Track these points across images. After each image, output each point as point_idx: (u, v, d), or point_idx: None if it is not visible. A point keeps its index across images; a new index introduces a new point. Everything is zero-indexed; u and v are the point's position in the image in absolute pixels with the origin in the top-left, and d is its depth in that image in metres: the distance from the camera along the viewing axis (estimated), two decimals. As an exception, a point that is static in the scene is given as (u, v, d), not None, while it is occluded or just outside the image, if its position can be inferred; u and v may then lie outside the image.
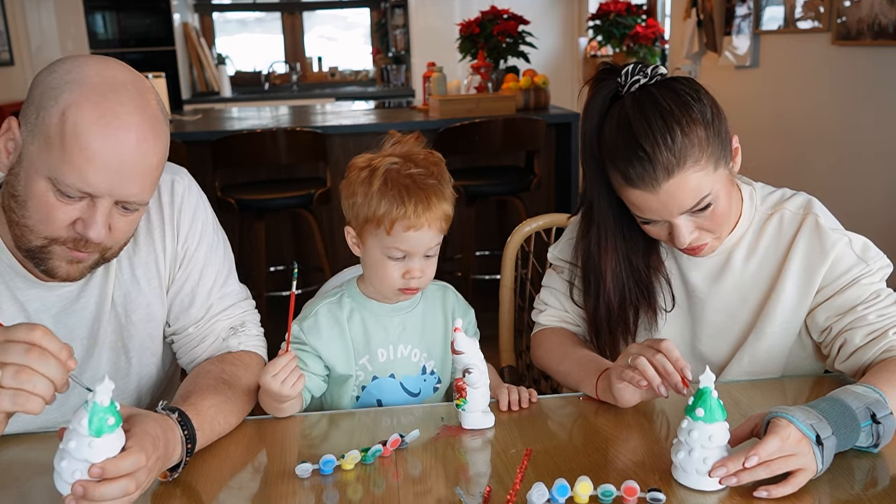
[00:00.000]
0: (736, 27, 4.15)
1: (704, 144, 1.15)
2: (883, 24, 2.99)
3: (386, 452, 1.08)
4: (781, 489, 0.94)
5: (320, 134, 3.44)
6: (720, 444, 0.97)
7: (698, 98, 1.17)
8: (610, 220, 1.29)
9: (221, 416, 1.13)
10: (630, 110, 1.16)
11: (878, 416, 1.02)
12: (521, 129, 3.60)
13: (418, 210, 1.21)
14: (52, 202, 1.03)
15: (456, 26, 4.47)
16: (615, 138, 1.18)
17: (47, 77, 1.03)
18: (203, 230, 1.28)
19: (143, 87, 1.07)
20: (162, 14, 6.21)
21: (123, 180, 1.03)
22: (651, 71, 1.19)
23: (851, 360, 1.22)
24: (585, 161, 1.27)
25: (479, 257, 4.06)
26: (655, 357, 1.11)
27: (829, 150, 3.47)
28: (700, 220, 1.20)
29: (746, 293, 1.30)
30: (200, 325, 1.28)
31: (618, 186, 1.21)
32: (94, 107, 1.00)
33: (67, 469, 0.86)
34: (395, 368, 1.32)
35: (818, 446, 0.96)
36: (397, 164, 1.24)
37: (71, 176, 1.00)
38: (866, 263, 1.22)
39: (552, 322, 1.45)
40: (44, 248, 1.07)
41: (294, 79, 7.20)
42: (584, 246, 1.34)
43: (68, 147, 0.99)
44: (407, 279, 1.26)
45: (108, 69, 1.05)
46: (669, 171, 1.13)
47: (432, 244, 1.26)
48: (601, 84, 1.23)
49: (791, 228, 1.28)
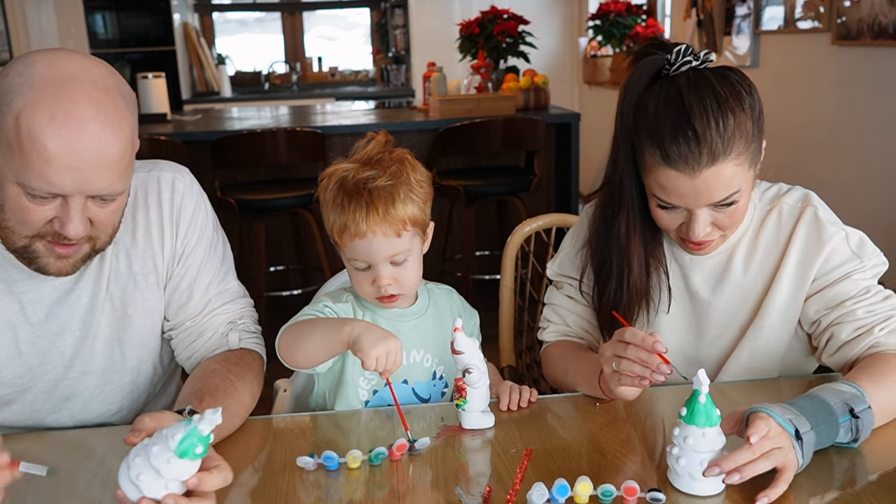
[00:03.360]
0: (736, 27, 4.15)
1: (749, 139, 1.14)
2: (883, 24, 2.99)
3: (393, 456, 1.07)
4: (775, 490, 0.94)
5: (320, 134, 3.44)
6: (712, 449, 0.96)
7: (750, 92, 1.16)
8: (637, 202, 1.25)
9: (228, 420, 1.13)
10: (683, 88, 1.13)
11: (855, 410, 1.03)
12: (521, 129, 3.60)
13: (358, 217, 1.17)
14: (25, 205, 1.03)
15: (456, 26, 4.47)
16: (662, 114, 1.14)
17: (1, 81, 1.02)
18: (203, 228, 1.29)
19: (99, 74, 1.05)
20: (162, 14, 6.20)
21: (88, 177, 1.02)
22: (703, 56, 1.17)
23: (838, 355, 1.22)
24: (620, 137, 1.23)
25: (479, 257, 4.06)
26: (628, 352, 1.09)
27: (829, 149, 3.47)
28: (718, 216, 1.18)
29: (748, 291, 1.30)
30: (198, 319, 1.28)
31: (651, 165, 1.16)
32: (45, 108, 0.99)
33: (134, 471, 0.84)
34: (409, 374, 1.31)
35: (797, 441, 0.97)
36: (349, 170, 1.21)
37: (35, 180, 1.00)
38: (860, 259, 1.22)
39: (555, 337, 1.43)
40: (28, 248, 1.08)
41: (294, 79, 7.20)
42: (609, 230, 1.29)
43: (26, 152, 0.99)
44: (377, 288, 1.23)
45: (58, 63, 1.02)
46: (714, 157, 1.11)
47: (391, 250, 1.21)
48: (647, 59, 1.19)
49: (790, 222, 1.27)
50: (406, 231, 1.21)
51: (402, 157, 1.24)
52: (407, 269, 1.24)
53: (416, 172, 1.24)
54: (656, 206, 1.21)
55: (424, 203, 1.24)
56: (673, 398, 1.24)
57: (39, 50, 1.06)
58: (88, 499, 1.00)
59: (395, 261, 1.22)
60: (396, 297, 1.26)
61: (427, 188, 1.25)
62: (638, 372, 1.09)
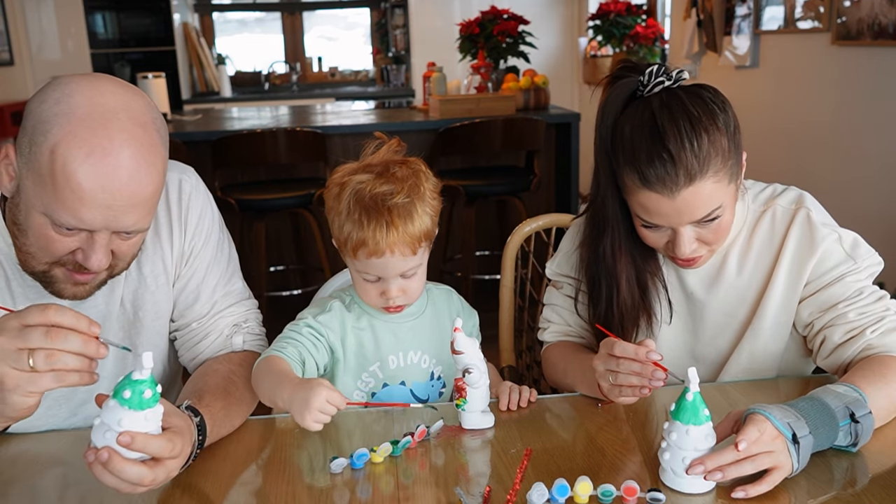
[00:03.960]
0: (736, 27, 4.15)
1: (726, 156, 1.14)
2: (883, 24, 2.99)
3: (414, 444, 1.10)
4: (757, 488, 0.95)
5: (320, 134, 3.44)
6: (696, 447, 0.96)
7: (724, 109, 1.16)
8: (621, 222, 1.26)
9: (228, 419, 1.14)
10: (656, 111, 1.14)
11: (857, 415, 1.02)
12: (521, 129, 3.60)
13: (378, 236, 1.15)
14: (50, 235, 1.03)
15: (456, 26, 4.47)
16: (637, 137, 1.15)
17: (38, 107, 1.00)
18: (210, 228, 1.29)
19: (137, 109, 1.03)
20: (162, 14, 6.21)
21: (118, 214, 1.02)
22: (675, 74, 1.18)
23: (831, 358, 1.22)
24: (599, 159, 1.24)
25: (479, 257, 4.06)
26: (621, 367, 1.10)
27: (829, 150, 3.47)
28: (703, 232, 1.19)
29: (744, 292, 1.30)
30: (204, 321, 1.28)
31: (630, 187, 1.18)
32: (83, 143, 0.97)
33: (99, 429, 0.87)
34: (406, 375, 1.31)
35: (794, 445, 0.97)
36: (364, 183, 1.18)
37: (64, 215, 1.00)
38: (854, 261, 1.22)
39: (555, 338, 1.44)
40: (46, 273, 1.09)
41: (294, 79, 7.20)
42: (596, 251, 1.29)
43: (59, 187, 0.98)
44: (385, 300, 1.23)
45: (98, 96, 1.00)
46: (691, 177, 1.12)
47: (405, 267, 1.20)
48: (620, 81, 1.20)
49: (783, 223, 1.27)
50: (420, 247, 1.20)
51: (417, 169, 1.23)
52: (415, 280, 1.24)
53: (429, 183, 1.23)
54: (641, 226, 1.22)
55: (436, 214, 1.24)
56: (673, 398, 1.24)
57: (78, 75, 1.04)
58: (90, 498, 1.00)
59: (406, 275, 1.22)
60: (403, 308, 1.26)
61: (438, 199, 1.24)
62: (636, 382, 1.10)
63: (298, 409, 1.04)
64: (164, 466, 0.91)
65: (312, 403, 1.02)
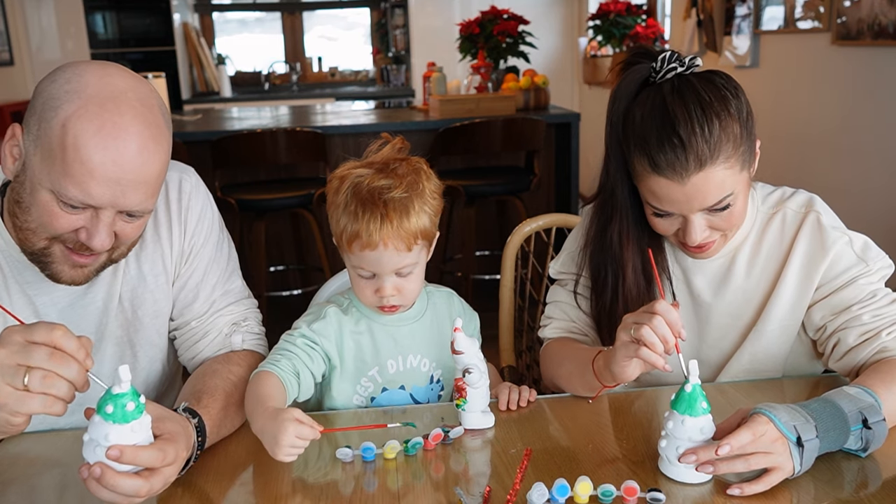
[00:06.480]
0: (736, 27, 4.15)
1: (738, 142, 1.14)
2: (883, 24, 2.99)
3: (428, 446, 1.10)
4: (754, 486, 0.95)
5: (320, 134, 3.44)
6: (690, 438, 0.96)
7: (736, 95, 1.16)
8: (630, 210, 1.25)
9: (228, 419, 1.14)
10: (668, 96, 1.13)
11: (869, 421, 1.01)
12: (521, 129, 3.60)
13: (371, 228, 1.15)
14: (55, 212, 1.03)
15: (456, 26, 4.47)
16: (647, 123, 1.14)
17: (48, 86, 1.03)
18: (210, 228, 1.29)
19: (144, 92, 1.06)
20: (162, 14, 6.21)
21: (125, 191, 1.03)
22: (688, 61, 1.17)
23: (845, 360, 1.22)
24: (610, 146, 1.23)
25: (479, 257, 4.06)
26: (654, 322, 1.04)
27: (830, 150, 3.47)
28: (715, 220, 1.18)
29: (751, 295, 1.29)
30: (203, 319, 1.28)
31: (641, 173, 1.17)
32: (94, 118, 0.99)
33: (89, 445, 0.88)
34: (405, 379, 1.30)
35: (798, 447, 0.96)
36: (364, 176, 1.18)
37: (73, 189, 1.00)
38: (866, 263, 1.22)
39: (556, 333, 1.41)
40: (45, 250, 1.08)
41: (294, 79, 7.20)
42: (603, 238, 1.29)
43: (69, 160, 0.99)
44: (380, 298, 1.22)
45: (108, 76, 1.03)
46: (702, 163, 1.11)
47: (400, 263, 1.19)
48: (633, 68, 1.20)
49: (793, 227, 1.27)
50: (416, 245, 1.19)
51: (419, 167, 1.22)
52: (411, 280, 1.23)
53: (431, 183, 1.22)
54: (652, 213, 1.21)
55: (436, 215, 1.22)
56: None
57: (87, 61, 1.07)
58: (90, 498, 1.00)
59: (401, 273, 1.21)
60: (398, 308, 1.26)
61: (439, 200, 1.23)
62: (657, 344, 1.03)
63: (268, 444, 1.01)
64: (160, 475, 0.91)
65: (281, 441, 0.99)
